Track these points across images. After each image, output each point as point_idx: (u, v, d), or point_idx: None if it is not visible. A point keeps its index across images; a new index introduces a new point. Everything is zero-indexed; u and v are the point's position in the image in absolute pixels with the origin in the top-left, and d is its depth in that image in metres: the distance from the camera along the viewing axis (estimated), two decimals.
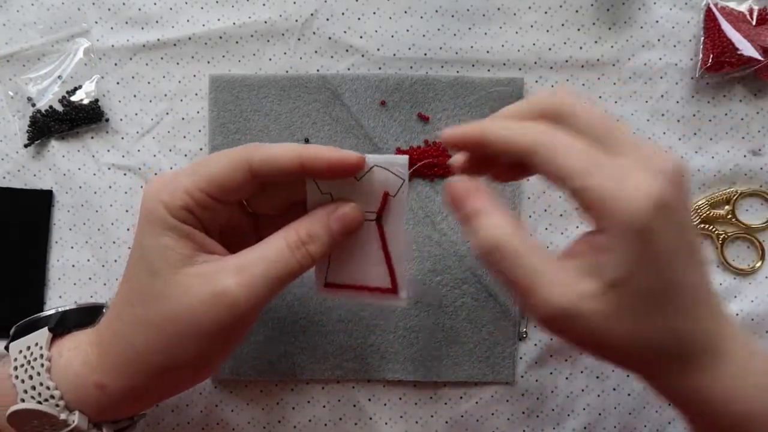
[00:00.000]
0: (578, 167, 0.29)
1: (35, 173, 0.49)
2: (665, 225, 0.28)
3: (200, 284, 0.32)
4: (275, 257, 0.33)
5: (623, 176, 0.28)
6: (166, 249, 0.33)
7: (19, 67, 0.49)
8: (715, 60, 0.47)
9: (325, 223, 0.34)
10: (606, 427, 0.48)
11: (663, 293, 0.29)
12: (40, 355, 0.35)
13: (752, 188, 0.48)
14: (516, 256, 0.30)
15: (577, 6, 0.49)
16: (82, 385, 0.35)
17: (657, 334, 0.30)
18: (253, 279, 0.32)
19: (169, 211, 0.33)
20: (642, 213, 0.27)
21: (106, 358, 0.35)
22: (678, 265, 0.29)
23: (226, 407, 0.48)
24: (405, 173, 0.34)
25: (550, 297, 0.29)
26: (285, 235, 0.34)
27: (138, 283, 0.34)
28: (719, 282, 0.48)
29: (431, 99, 0.48)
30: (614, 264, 0.28)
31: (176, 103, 0.49)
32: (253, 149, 0.33)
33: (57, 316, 0.38)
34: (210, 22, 0.49)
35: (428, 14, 0.49)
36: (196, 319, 0.32)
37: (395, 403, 0.48)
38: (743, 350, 0.32)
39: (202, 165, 0.34)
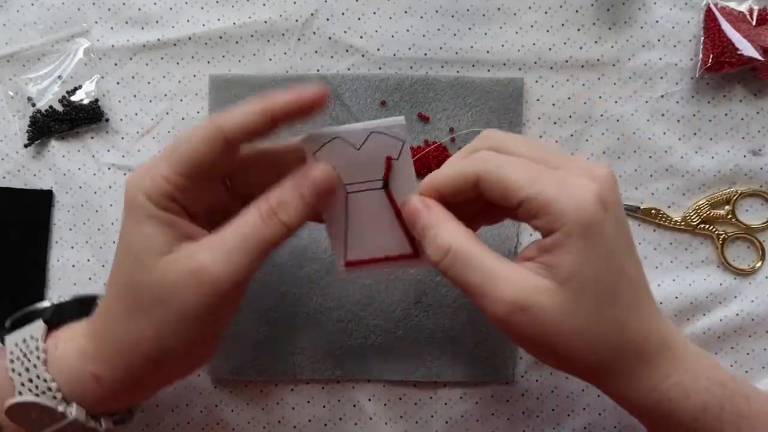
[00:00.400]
0: (523, 178, 0.31)
1: (35, 173, 0.49)
2: (608, 221, 0.31)
3: (180, 265, 0.32)
4: (249, 229, 0.33)
5: (565, 181, 0.31)
6: (148, 237, 0.33)
7: (19, 67, 0.49)
8: (715, 60, 0.47)
9: (295, 189, 0.34)
10: (606, 427, 0.48)
11: (612, 287, 0.31)
12: (36, 348, 0.35)
13: (752, 188, 0.48)
14: (469, 257, 0.31)
15: (577, 6, 0.49)
16: (79, 377, 0.35)
17: (609, 329, 0.31)
18: (228, 253, 0.32)
19: (151, 200, 0.32)
20: (588, 208, 0.30)
21: (100, 348, 0.35)
22: (621, 260, 0.32)
23: (226, 407, 0.48)
24: (404, 134, 0.34)
25: (503, 292, 0.31)
26: (258, 205, 0.33)
27: (124, 273, 0.34)
28: (719, 282, 0.48)
29: (431, 99, 0.48)
30: (565, 259, 0.30)
31: (176, 103, 0.49)
32: (219, 117, 0.33)
33: (52, 308, 0.38)
34: (210, 22, 0.49)
35: (428, 14, 0.49)
36: (179, 300, 0.32)
37: (395, 403, 0.48)
38: (690, 348, 0.34)
39: (175, 146, 0.33)
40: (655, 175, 0.48)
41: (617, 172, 0.48)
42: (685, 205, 0.49)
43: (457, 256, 0.32)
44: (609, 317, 0.31)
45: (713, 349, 0.48)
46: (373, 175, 0.35)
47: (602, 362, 0.32)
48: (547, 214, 0.30)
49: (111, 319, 0.35)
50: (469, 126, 0.48)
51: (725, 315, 0.48)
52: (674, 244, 0.48)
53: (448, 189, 0.34)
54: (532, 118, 0.49)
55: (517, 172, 0.31)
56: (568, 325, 0.31)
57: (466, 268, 0.31)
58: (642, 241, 0.48)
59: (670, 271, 0.48)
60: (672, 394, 0.32)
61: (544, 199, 0.30)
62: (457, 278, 0.32)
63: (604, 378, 0.33)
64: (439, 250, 0.32)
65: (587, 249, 0.30)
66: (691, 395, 0.33)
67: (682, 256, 0.48)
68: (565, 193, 0.30)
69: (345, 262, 0.37)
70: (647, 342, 0.32)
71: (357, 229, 0.36)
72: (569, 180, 0.31)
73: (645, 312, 0.33)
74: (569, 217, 0.30)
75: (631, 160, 0.48)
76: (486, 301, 0.31)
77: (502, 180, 0.32)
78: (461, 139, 0.48)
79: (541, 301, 0.30)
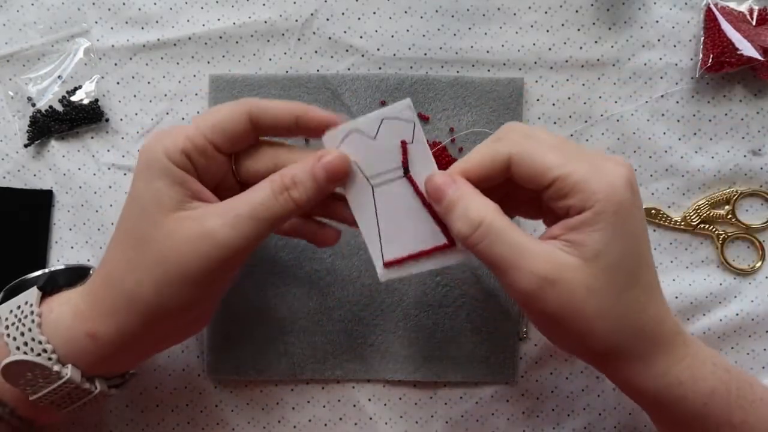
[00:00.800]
0: (556, 158, 0.32)
1: (35, 173, 0.49)
2: (634, 204, 0.32)
3: (187, 226, 0.33)
4: (260, 200, 0.34)
5: (596, 164, 0.32)
6: (159, 192, 0.33)
7: (19, 67, 0.49)
8: (715, 60, 0.47)
9: (309, 169, 0.34)
10: (606, 427, 0.48)
11: (634, 269, 0.32)
12: (31, 312, 0.36)
13: (752, 188, 0.48)
14: (501, 231, 0.32)
15: (577, 6, 0.49)
16: (74, 338, 0.35)
17: (630, 310, 0.32)
18: (237, 220, 0.33)
19: (167, 155, 0.34)
20: (620, 188, 0.31)
21: (97, 304, 0.35)
22: (644, 244, 0.33)
23: (226, 407, 0.48)
24: (412, 115, 0.34)
25: (533, 266, 0.31)
26: (271, 179, 0.34)
27: (130, 225, 0.35)
28: (719, 282, 0.48)
29: (431, 99, 0.48)
30: (594, 237, 0.31)
31: (176, 103, 0.49)
32: (254, 102, 0.35)
33: (45, 276, 0.39)
34: (210, 22, 0.49)
35: (428, 14, 0.49)
36: (183, 260, 0.33)
37: (395, 403, 0.48)
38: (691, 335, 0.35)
39: (205, 114, 0.35)
40: (655, 175, 0.48)
41: None
42: (685, 205, 0.49)
43: (489, 229, 0.32)
44: (630, 298, 0.32)
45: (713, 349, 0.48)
46: (393, 163, 0.35)
47: (620, 343, 0.32)
48: (580, 192, 0.31)
49: (110, 271, 0.35)
50: (470, 126, 0.48)
51: (725, 315, 0.48)
52: (674, 244, 0.48)
53: (478, 172, 0.34)
54: (532, 118, 0.49)
55: (550, 154, 0.32)
56: (592, 303, 0.31)
57: (496, 241, 0.32)
58: None
59: (670, 271, 0.48)
60: (683, 378, 0.33)
61: (577, 178, 0.31)
62: (485, 252, 0.32)
63: (617, 361, 0.33)
64: (472, 223, 0.32)
65: (615, 229, 0.31)
66: (700, 380, 0.33)
67: (682, 256, 0.48)
68: (597, 174, 0.31)
69: (384, 263, 0.36)
70: (663, 326, 0.33)
71: (389, 227, 0.36)
72: (600, 163, 0.32)
73: (660, 297, 0.34)
74: (601, 196, 0.31)
75: (631, 160, 0.48)
76: (514, 274, 0.31)
77: (536, 160, 0.32)
78: (461, 139, 0.48)
79: (568, 277, 0.31)
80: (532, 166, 0.32)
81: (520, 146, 0.33)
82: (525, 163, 0.33)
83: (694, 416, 0.33)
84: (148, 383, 0.47)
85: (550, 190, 0.32)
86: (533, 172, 0.32)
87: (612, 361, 0.33)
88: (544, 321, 0.34)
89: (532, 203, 0.37)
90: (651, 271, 0.33)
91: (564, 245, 0.32)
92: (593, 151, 0.34)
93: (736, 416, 0.33)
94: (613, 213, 0.31)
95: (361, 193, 0.36)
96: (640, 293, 0.32)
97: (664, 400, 0.33)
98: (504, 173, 0.34)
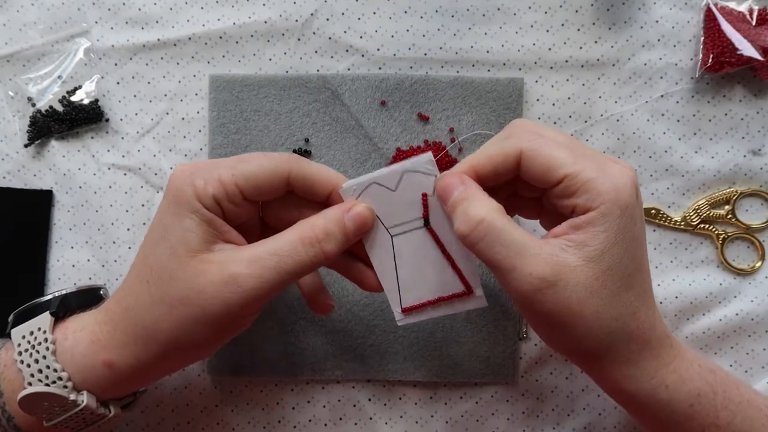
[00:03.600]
0: (565, 156, 0.32)
1: (35, 173, 0.49)
2: (638, 208, 0.32)
3: (213, 270, 0.33)
4: (288, 252, 0.34)
5: (604, 165, 0.32)
6: (188, 231, 0.33)
7: (19, 67, 0.49)
8: (715, 60, 0.47)
9: (340, 221, 0.35)
10: (606, 427, 0.48)
11: (631, 272, 0.32)
12: (45, 339, 0.36)
13: (752, 188, 0.48)
14: (500, 231, 0.32)
15: (577, 6, 0.49)
16: (90, 365, 0.35)
17: (624, 312, 0.32)
18: (264, 271, 0.33)
19: (198, 197, 0.34)
20: (626, 191, 0.31)
21: (116, 334, 0.35)
22: (642, 249, 0.33)
23: (226, 407, 0.48)
24: (433, 168, 0.35)
25: (533, 267, 0.31)
26: (300, 231, 0.34)
27: (156, 260, 0.34)
28: (719, 282, 0.48)
29: (431, 99, 0.48)
30: (598, 238, 0.31)
31: (176, 103, 0.49)
32: (295, 162, 0.35)
33: (57, 299, 0.38)
34: (210, 22, 0.49)
35: (428, 14, 0.49)
36: (205, 302, 0.33)
37: (395, 403, 0.48)
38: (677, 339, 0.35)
39: (243, 162, 0.35)
40: (655, 175, 0.48)
41: None
42: (685, 205, 0.49)
43: (488, 228, 0.32)
44: (625, 300, 0.32)
45: (713, 349, 0.48)
46: (413, 214, 0.35)
47: (611, 345, 0.33)
48: (588, 191, 0.31)
49: (130, 304, 0.35)
50: (470, 126, 0.48)
51: (725, 315, 0.48)
52: (674, 244, 0.48)
53: (488, 168, 0.34)
54: (532, 118, 0.49)
55: (559, 151, 0.32)
56: (590, 304, 0.31)
57: (495, 241, 0.32)
58: None
59: (670, 271, 0.48)
60: (669, 381, 0.33)
61: (586, 177, 0.31)
62: (485, 252, 0.32)
63: (607, 363, 0.33)
64: (471, 221, 0.32)
65: (619, 231, 0.31)
66: (687, 382, 0.34)
67: (682, 256, 0.48)
68: (605, 175, 0.31)
69: (402, 309, 0.37)
70: (653, 330, 0.33)
71: (407, 274, 0.36)
72: (607, 164, 0.32)
73: (652, 301, 0.34)
74: (608, 197, 0.31)
75: (631, 160, 0.48)
76: (514, 275, 0.31)
77: (546, 156, 0.32)
78: (462, 140, 0.48)
79: (569, 278, 0.31)
80: (543, 163, 0.32)
81: (530, 142, 0.33)
82: (535, 159, 0.33)
83: (681, 418, 0.34)
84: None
85: (558, 188, 0.32)
86: (543, 169, 0.33)
87: (601, 363, 0.34)
88: (540, 321, 0.34)
89: (534, 202, 0.37)
90: (645, 276, 0.34)
91: (567, 244, 0.32)
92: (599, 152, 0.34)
93: (722, 418, 0.34)
94: (618, 215, 0.31)
95: (379, 241, 0.36)
96: (634, 297, 0.32)
97: (650, 402, 0.34)
98: (514, 169, 0.34)
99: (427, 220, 0.35)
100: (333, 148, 0.48)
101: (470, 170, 0.34)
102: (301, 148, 0.48)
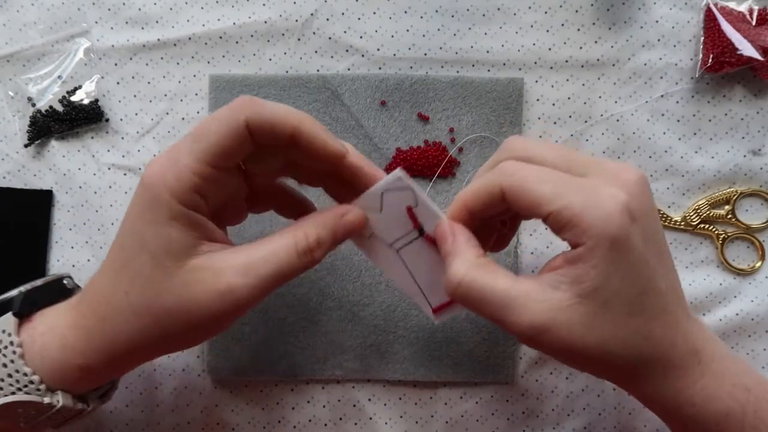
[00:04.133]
0: (549, 191, 0.31)
1: (35, 173, 0.49)
2: (635, 232, 0.30)
3: (207, 279, 0.32)
4: (283, 259, 0.33)
5: (592, 192, 0.30)
6: (171, 240, 0.32)
7: (19, 67, 0.49)
8: (715, 60, 0.47)
9: (333, 229, 0.35)
10: (606, 427, 0.48)
11: (636, 299, 0.31)
12: (11, 342, 0.34)
13: (752, 188, 0.48)
14: (481, 289, 0.32)
15: (577, 6, 0.49)
16: (64, 368, 0.34)
17: (633, 340, 0.31)
18: (259, 280, 0.32)
19: (176, 197, 0.32)
20: (614, 221, 0.29)
21: (91, 344, 0.34)
22: (649, 271, 0.31)
23: (226, 407, 0.48)
24: (406, 181, 0.35)
25: (520, 319, 0.31)
26: (294, 238, 0.34)
27: (136, 272, 0.33)
28: (719, 282, 0.48)
29: (431, 99, 0.48)
30: (590, 273, 0.30)
31: (176, 103, 0.49)
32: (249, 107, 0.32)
33: (20, 297, 0.36)
34: (210, 22, 0.49)
35: (428, 14, 0.49)
36: (197, 312, 0.32)
37: (395, 403, 0.48)
38: (718, 352, 0.34)
39: (199, 136, 0.32)
40: (655, 175, 0.48)
41: None
42: (685, 205, 0.49)
43: (469, 288, 0.32)
44: (634, 327, 0.31)
45: None
46: (407, 227, 0.36)
47: (625, 369, 0.32)
48: (574, 227, 0.30)
49: (107, 314, 0.33)
50: (470, 126, 0.48)
51: (725, 315, 0.48)
52: (674, 244, 0.48)
53: (477, 205, 0.34)
54: (532, 118, 0.49)
55: (543, 185, 0.31)
56: (592, 338, 0.30)
57: (478, 299, 0.32)
58: None
59: None
60: (696, 400, 0.32)
61: (571, 213, 0.30)
62: (473, 309, 0.32)
63: (631, 382, 0.33)
64: (452, 282, 0.32)
65: (612, 263, 0.30)
66: (714, 401, 0.32)
67: (682, 256, 0.48)
68: (592, 206, 0.30)
69: (432, 310, 0.37)
70: (673, 349, 0.32)
71: (425, 278, 0.37)
72: (597, 190, 0.30)
73: (671, 319, 0.32)
74: (595, 231, 0.29)
75: (631, 160, 0.48)
76: (506, 326, 0.31)
77: (528, 193, 0.31)
78: (462, 139, 0.48)
79: (560, 319, 0.30)
80: (525, 200, 0.31)
81: (512, 178, 0.32)
82: (518, 197, 0.32)
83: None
84: (148, 383, 0.47)
85: (548, 222, 0.31)
86: (526, 206, 0.31)
87: (623, 382, 0.34)
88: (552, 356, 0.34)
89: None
90: (659, 295, 0.31)
91: (560, 280, 0.31)
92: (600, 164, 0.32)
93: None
94: (608, 248, 0.29)
95: (389, 258, 0.37)
96: (644, 321, 0.31)
97: (676, 417, 0.33)
98: (503, 203, 0.33)
99: (421, 229, 0.36)
100: None
101: (463, 209, 0.34)
102: None
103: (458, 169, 0.48)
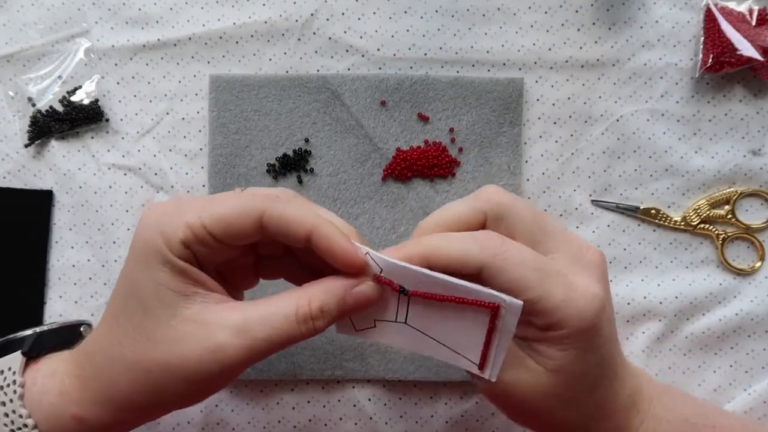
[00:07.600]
0: (529, 278, 0.31)
1: (35, 173, 0.49)
2: (604, 320, 0.32)
3: (197, 336, 0.31)
4: (281, 325, 0.31)
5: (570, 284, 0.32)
6: (160, 286, 0.31)
7: (19, 67, 0.49)
8: (715, 60, 0.47)
9: (340, 298, 0.32)
10: None
11: (596, 378, 0.33)
12: (13, 381, 0.34)
13: (752, 188, 0.48)
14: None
15: (577, 6, 0.49)
16: (58, 416, 0.33)
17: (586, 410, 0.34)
18: (254, 342, 0.31)
19: (167, 244, 0.31)
20: (592, 315, 0.31)
21: (87, 392, 0.33)
22: (610, 348, 0.34)
23: (226, 407, 0.48)
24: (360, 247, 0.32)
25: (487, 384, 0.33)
26: (297, 303, 0.31)
27: (128, 320, 0.32)
28: (719, 282, 0.48)
29: (431, 99, 0.48)
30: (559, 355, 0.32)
31: (176, 103, 0.49)
32: (268, 203, 0.31)
33: (32, 337, 0.36)
34: (210, 22, 0.49)
35: (428, 14, 0.49)
36: (188, 369, 0.31)
37: (395, 403, 0.48)
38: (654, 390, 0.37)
39: (211, 201, 0.32)
40: (655, 175, 0.48)
41: (617, 172, 0.49)
42: (685, 205, 0.49)
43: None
44: (589, 401, 0.34)
45: (713, 349, 0.48)
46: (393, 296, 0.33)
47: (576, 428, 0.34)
48: (550, 317, 0.31)
49: (103, 365, 0.33)
50: (470, 126, 0.48)
51: (725, 315, 0.48)
52: (674, 244, 0.48)
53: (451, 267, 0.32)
54: (532, 118, 0.49)
55: (524, 269, 0.31)
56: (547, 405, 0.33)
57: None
58: (642, 241, 0.48)
59: (670, 271, 0.48)
60: None
61: (549, 305, 0.31)
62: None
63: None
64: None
65: (580, 350, 0.32)
66: None
67: (682, 256, 0.48)
68: (568, 301, 0.31)
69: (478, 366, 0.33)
70: (619, 411, 0.35)
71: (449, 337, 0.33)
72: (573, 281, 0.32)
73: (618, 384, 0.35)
74: (570, 324, 0.31)
75: (631, 160, 0.49)
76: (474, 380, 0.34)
77: (508, 277, 0.31)
78: (461, 138, 0.48)
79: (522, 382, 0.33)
80: (504, 282, 0.31)
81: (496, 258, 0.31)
82: (497, 277, 0.31)
83: None
84: None
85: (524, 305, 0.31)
86: (505, 287, 0.31)
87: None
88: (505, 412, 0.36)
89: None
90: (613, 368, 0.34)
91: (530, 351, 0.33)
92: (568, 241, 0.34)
93: None
94: (577, 338, 0.32)
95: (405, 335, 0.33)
96: (600, 394, 0.34)
97: None
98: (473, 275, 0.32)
99: (402, 289, 0.32)
100: (333, 148, 0.48)
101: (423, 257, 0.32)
102: (301, 149, 0.48)
103: (458, 169, 0.48)
